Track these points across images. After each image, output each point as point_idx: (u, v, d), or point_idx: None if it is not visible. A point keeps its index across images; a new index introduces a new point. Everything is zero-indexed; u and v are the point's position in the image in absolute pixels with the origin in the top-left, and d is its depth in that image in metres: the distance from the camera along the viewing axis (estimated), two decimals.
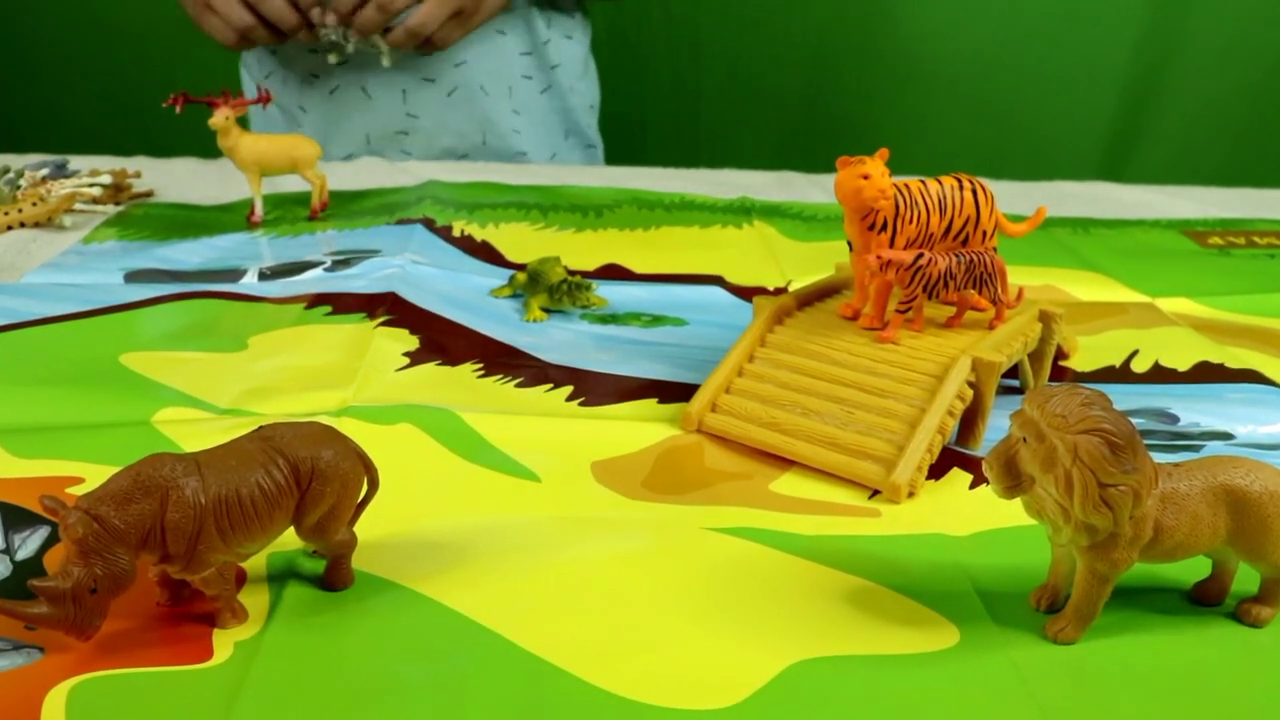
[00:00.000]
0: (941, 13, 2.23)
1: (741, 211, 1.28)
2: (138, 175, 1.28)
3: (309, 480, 0.54)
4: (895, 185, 0.76)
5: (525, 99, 1.54)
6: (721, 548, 0.64)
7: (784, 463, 0.73)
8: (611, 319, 0.95)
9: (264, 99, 1.18)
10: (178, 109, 1.11)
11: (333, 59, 1.40)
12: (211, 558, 0.52)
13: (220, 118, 1.11)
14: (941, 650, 0.56)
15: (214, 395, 0.78)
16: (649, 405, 0.80)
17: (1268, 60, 2.23)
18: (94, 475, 0.52)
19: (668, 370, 0.85)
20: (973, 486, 0.71)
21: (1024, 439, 0.54)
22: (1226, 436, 0.79)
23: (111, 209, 1.19)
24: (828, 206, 1.30)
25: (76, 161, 1.30)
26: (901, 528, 0.66)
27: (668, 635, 0.56)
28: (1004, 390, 0.80)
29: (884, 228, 0.76)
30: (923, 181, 0.79)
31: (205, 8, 1.36)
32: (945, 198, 0.79)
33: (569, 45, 1.57)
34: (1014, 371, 0.81)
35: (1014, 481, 0.55)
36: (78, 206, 1.16)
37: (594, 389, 0.82)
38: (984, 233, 0.81)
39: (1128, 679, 0.55)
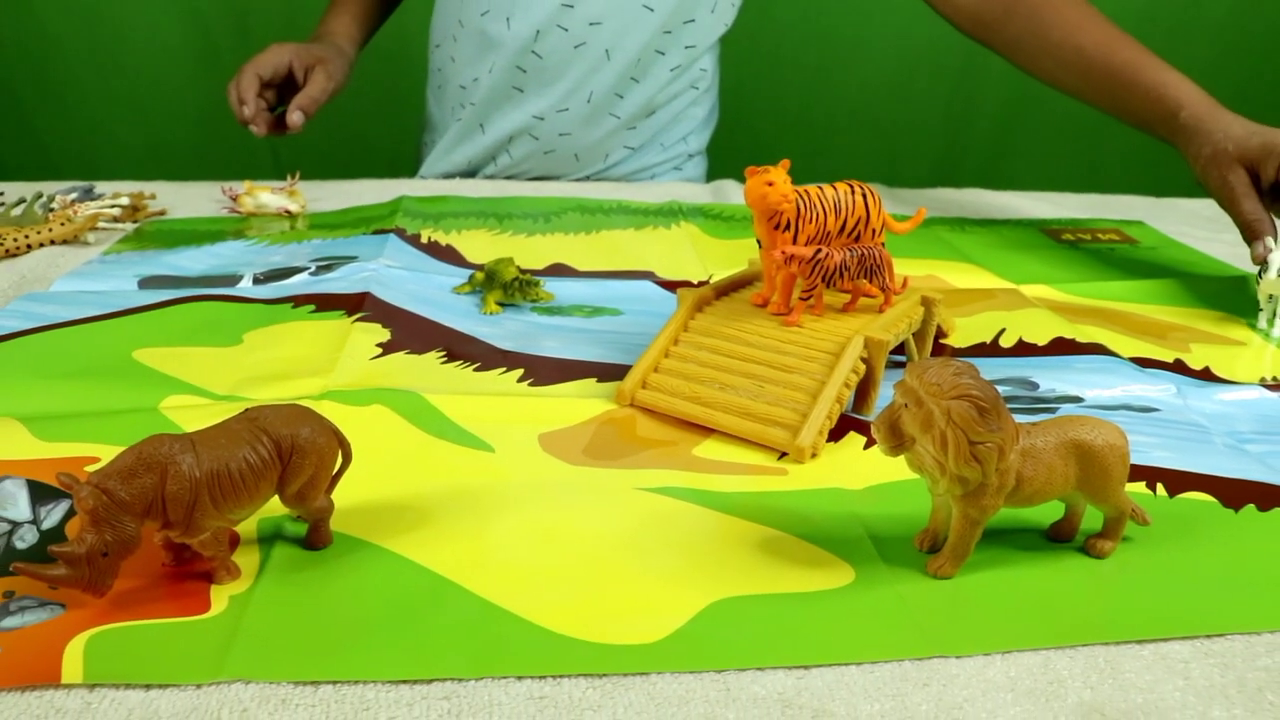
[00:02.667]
0: (841, 47, 2.24)
1: (670, 214, 1.27)
2: (153, 197, 1.26)
3: (290, 454, 0.54)
4: (796, 190, 0.76)
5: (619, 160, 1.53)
6: (651, 504, 0.63)
7: (705, 431, 0.72)
8: (557, 310, 0.94)
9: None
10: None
11: None
12: (207, 523, 0.52)
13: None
14: (839, 587, 0.56)
15: (213, 384, 0.77)
16: (589, 384, 0.79)
17: None
18: (108, 455, 0.51)
19: (605, 353, 0.84)
20: (866, 447, 0.71)
21: (906, 405, 0.54)
22: (1077, 400, 0.80)
23: (129, 226, 1.17)
24: (746, 208, 1.30)
25: (101, 186, 1.28)
26: (805, 483, 0.66)
27: (603, 580, 0.56)
28: (892, 364, 0.80)
29: (787, 227, 0.76)
30: (820, 187, 0.78)
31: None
32: (840, 201, 0.78)
33: (706, 75, 1.55)
34: (901, 348, 0.81)
35: (898, 441, 0.55)
36: (100, 225, 1.14)
37: (541, 371, 0.81)
38: (874, 230, 0.80)
39: (996, 605, 0.55)
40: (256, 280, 0.99)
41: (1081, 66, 1.22)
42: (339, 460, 0.57)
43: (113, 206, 1.18)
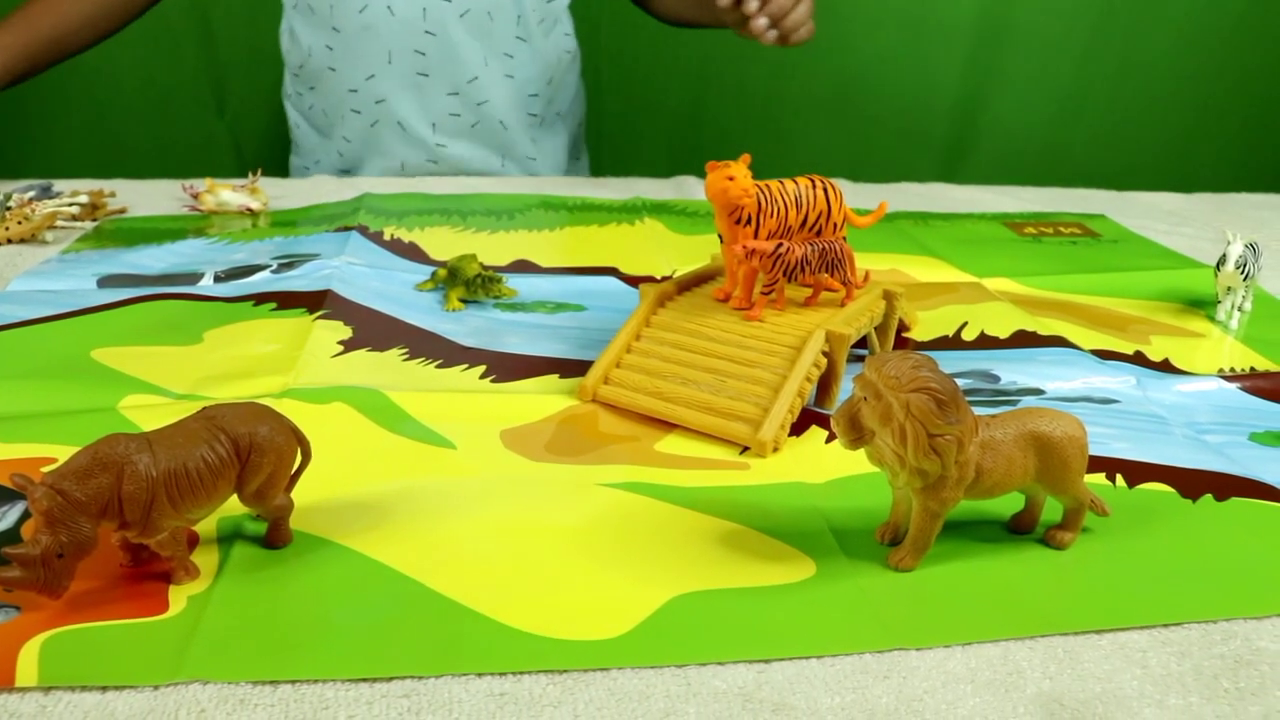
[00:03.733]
0: (804, 44, 2.24)
1: (634, 210, 1.27)
2: (113, 195, 1.24)
3: (248, 453, 0.53)
4: (757, 185, 0.76)
5: (535, 132, 1.53)
6: (612, 500, 0.63)
7: (667, 426, 0.72)
8: (520, 307, 0.94)
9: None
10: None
11: None
12: (164, 523, 0.51)
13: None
14: (801, 581, 0.56)
15: (172, 383, 0.76)
16: (551, 380, 0.79)
17: (1067, 88, 2.29)
18: (65, 456, 0.51)
19: (568, 349, 0.84)
20: (828, 441, 0.71)
21: (865, 398, 0.54)
22: (1038, 392, 0.80)
23: (89, 225, 1.15)
24: (709, 203, 1.30)
25: (60, 184, 1.26)
26: (767, 478, 0.66)
27: (565, 577, 0.56)
28: (855, 358, 0.80)
29: (748, 222, 0.76)
30: (781, 182, 0.78)
31: None
32: (801, 195, 0.79)
33: (570, 76, 1.57)
34: (864, 342, 0.81)
35: (858, 435, 0.55)
36: (59, 224, 1.13)
37: (503, 367, 0.81)
38: (835, 225, 0.81)
39: (957, 597, 0.55)
40: (217, 278, 0.98)
41: None
42: (298, 458, 0.57)
43: (71, 205, 1.16)
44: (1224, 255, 0.95)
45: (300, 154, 1.59)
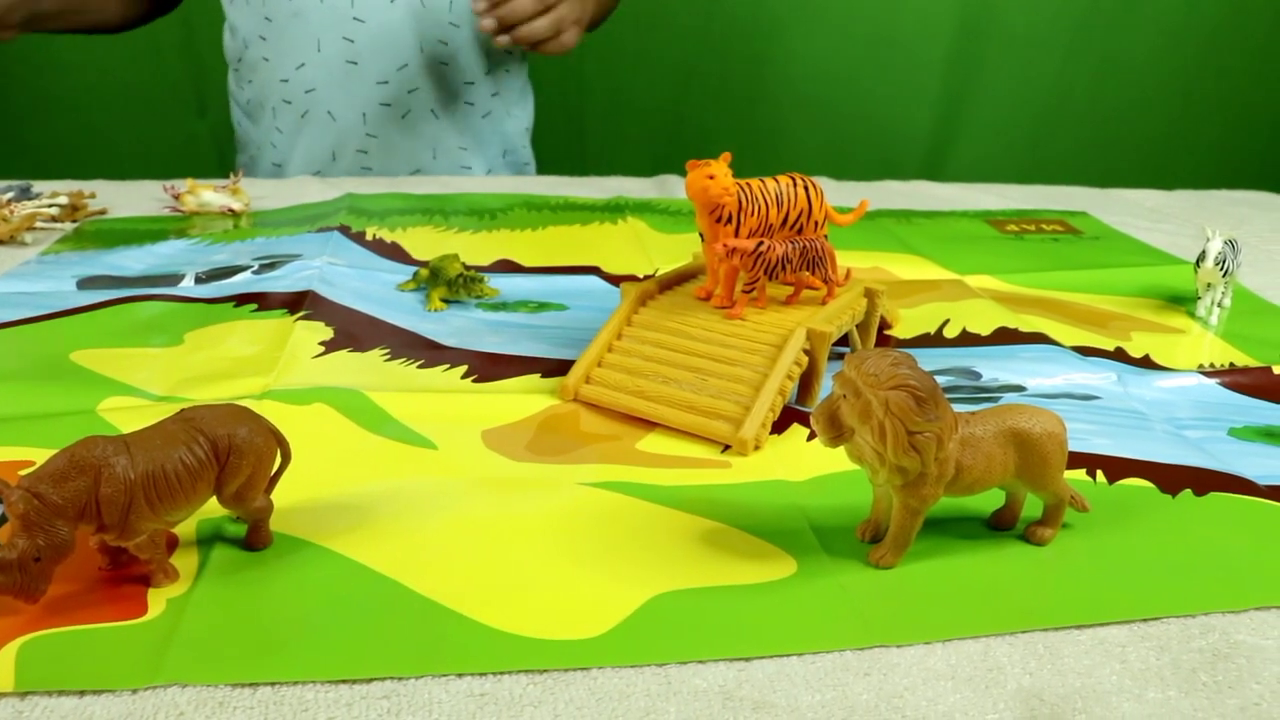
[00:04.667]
0: (785, 41, 2.25)
1: (616, 209, 1.27)
2: (93, 196, 1.24)
3: (227, 455, 0.53)
4: (738, 184, 0.76)
5: (468, 123, 1.51)
6: (594, 499, 0.63)
7: (648, 425, 0.72)
8: (502, 306, 0.94)
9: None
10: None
11: None
12: (143, 526, 0.51)
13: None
14: (782, 579, 0.56)
15: (152, 385, 0.76)
16: (533, 380, 0.79)
17: (1049, 85, 2.30)
18: (43, 459, 0.51)
19: (550, 349, 0.84)
20: (809, 439, 0.71)
21: (844, 396, 0.54)
22: (1020, 389, 0.80)
23: (69, 226, 1.15)
24: (691, 202, 1.30)
25: (39, 185, 1.25)
26: (748, 476, 0.66)
27: (545, 577, 0.55)
28: (837, 356, 0.80)
29: (729, 220, 0.76)
30: (762, 180, 0.78)
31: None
32: (782, 194, 0.79)
33: (508, 76, 1.54)
34: (846, 340, 0.82)
35: (837, 433, 0.55)
36: (38, 225, 1.12)
37: (485, 367, 0.81)
38: (815, 223, 0.81)
39: (937, 593, 0.55)
40: (198, 279, 0.98)
41: None
42: (278, 460, 0.57)
43: (51, 206, 1.16)
44: (1203, 252, 0.95)
45: (240, 148, 1.58)
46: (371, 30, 1.40)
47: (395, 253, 1.08)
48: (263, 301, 0.92)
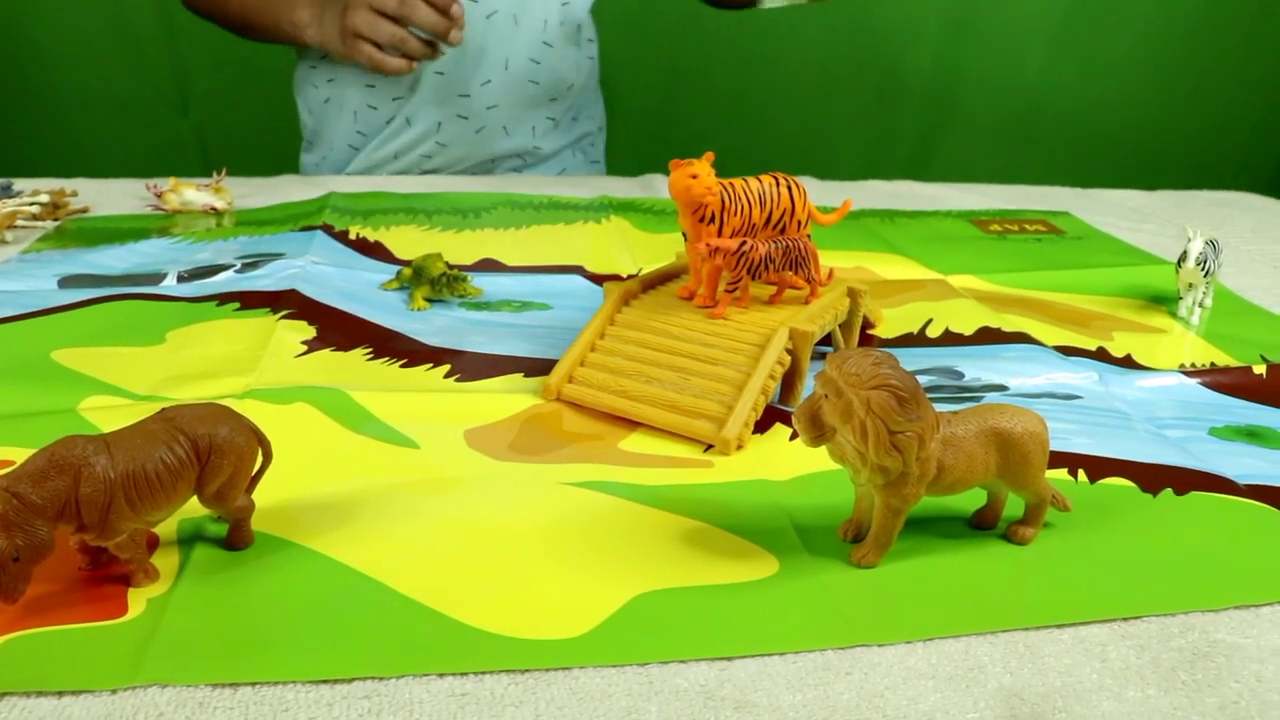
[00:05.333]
0: (769, 41, 2.25)
1: (600, 208, 1.27)
2: (74, 194, 1.23)
3: (208, 454, 0.53)
4: (721, 183, 0.76)
5: (545, 129, 1.52)
6: (576, 499, 0.63)
7: (631, 424, 0.72)
8: (485, 306, 0.94)
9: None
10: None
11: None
12: (123, 526, 0.51)
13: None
14: (764, 578, 0.56)
15: (134, 384, 0.75)
16: (516, 379, 0.79)
17: (1032, 86, 2.31)
18: (23, 458, 0.50)
19: (533, 348, 0.84)
20: (792, 438, 0.72)
21: (826, 395, 0.54)
22: (1002, 388, 0.81)
23: (50, 224, 1.14)
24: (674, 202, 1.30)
25: (20, 183, 1.25)
26: (731, 475, 0.66)
27: (527, 576, 0.55)
28: (819, 356, 0.80)
29: (712, 220, 0.76)
30: (745, 180, 0.79)
31: (353, 37, 1.31)
32: (765, 193, 0.79)
33: (582, 76, 1.54)
34: (829, 339, 0.82)
35: (819, 432, 0.55)
36: (19, 223, 1.12)
37: (468, 366, 0.80)
38: (799, 222, 0.81)
39: (919, 593, 0.55)
40: (180, 278, 0.98)
41: None
42: (259, 459, 0.56)
43: (32, 204, 1.15)
44: (1185, 252, 0.96)
45: (309, 148, 1.58)
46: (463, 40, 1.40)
47: (378, 252, 1.08)
48: (245, 300, 0.92)
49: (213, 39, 1.97)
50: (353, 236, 1.12)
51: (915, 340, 0.90)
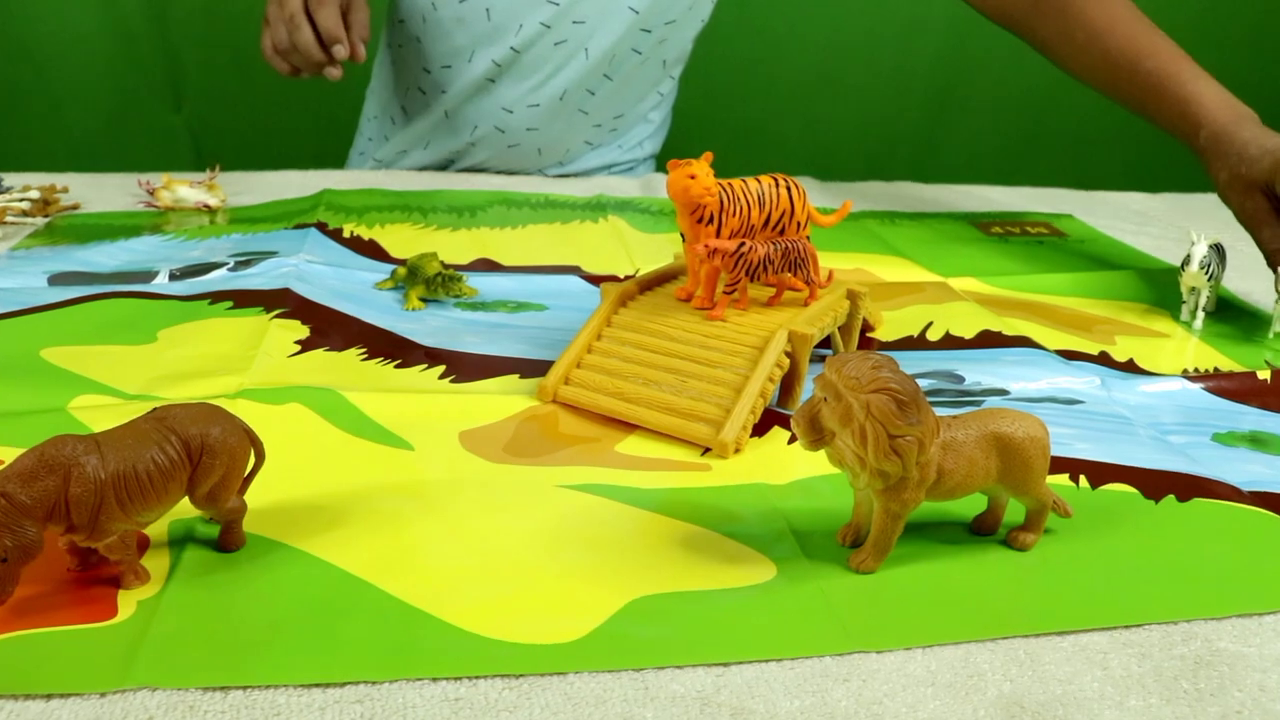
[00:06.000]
0: (769, 42, 2.25)
1: (598, 208, 1.27)
2: (65, 190, 1.23)
3: (199, 454, 0.53)
4: (720, 183, 0.76)
5: (576, 156, 1.51)
6: (572, 502, 0.63)
7: (628, 427, 0.72)
8: (481, 306, 0.94)
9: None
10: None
11: None
12: (113, 526, 0.51)
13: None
14: (761, 584, 0.56)
15: (125, 383, 0.75)
16: (511, 380, 0.79)
17: (1036, 86, 2.31)
18: (12, 458, 0.50)
19: (529, 349, 0.84)
20: (790, 441, 0.72)
21: (825, 399, 0.54)
22: (1003, 392, 0.81)
23: (40, 221, 1.14)
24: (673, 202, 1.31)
25: (10, 179, 1.24)
26: (729, 479, 0.66)
27: (522, 580, 0.55)
28: (818, 359, 0.80)
29: (710, 220, 0.76)
30: (744, 180, 0.79)
31: (264, 21, 1.28)
32: (764, 194, 0.79)
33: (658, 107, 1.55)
34: (828, 342, 0.82)
35: (818, 436, 0.55)
36: (9, 219, 1.12)
37: (463, 367, 0.80)
38: (798, 224, 0.81)
39: (918, 599, 0.55)
40: (173, 276, 0.97)
41: (1108, 71, 1.18)
42: (251, 460, 0.56)
43: (22, 200, 1.15)
44: (1188, 256, 0.96)
45: (358, 148, 1.58)
46: (523, 60, 1.39)
47: (373, 250, 1.07)
48: (238, 299, 0.92)
49: (206, 33, 1.98)
50: (347, 235, 1.11)
51: (915, 343, 0.90)
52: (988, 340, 0.91)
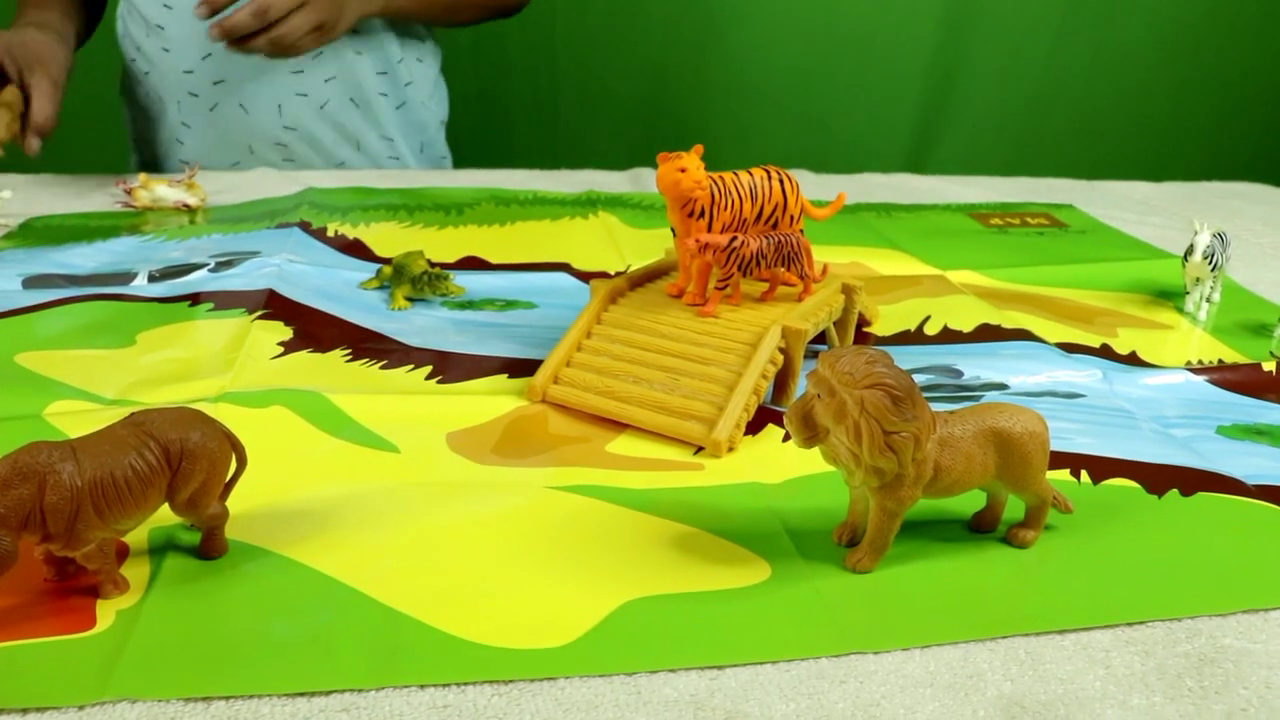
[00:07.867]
0: (763, 31, 2.25)
1: (588, 204, 1.27)
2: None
3: (179, 460, 0.53)
4: (711, 177, 0.76)
5: (382, 114, 1.50)
6: (562, 504, 0.63)
7: (619, 426, 0.72)
8: (469, 305, 0.94)
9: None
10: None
11: None
12: (90, 535, 0.51)
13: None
14: (755, 584, 0.56)
15: (103, 388, 0.75)
16: (500, 380, 0.79)
17: (1038, 75, 2.32)
18: None
19: (517, 348, 0.84)
20: (784, 440, 0.72)
21: (819, 395, 0.54)
22: (1002, 387, 0.81)
23: (14, 222, 1.14)
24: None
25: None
26: (722, 478, 0.67)
27: (512, 584, 0.55)
28: (813, 355, 0.81)
29: (701, 214, 0.76)
30: (735, 173, 0.79)
31: None
32: (756, 187, 0.79)
33: (420, 67, 1.53)
34: (822, 338, 0.82)
35: (811, 433, 0.55)
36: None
37: (451, 368, 0.80)
38: (791, 217, 0.81)
39: (916, 598, 0.56)
40: (152, 278, 0.97)
41: None
42: (233, 465, 0.56)
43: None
44: (1191, 245, 0.96)
45: (137, 148, 1.57)
46: None
47: (357, 250, 1.08)
48: (219, 300, 0.92)
49: None
50: (331, 234, 1.11)
51: (913, 338, 0.90)
52: (987, 334, 0.91)
